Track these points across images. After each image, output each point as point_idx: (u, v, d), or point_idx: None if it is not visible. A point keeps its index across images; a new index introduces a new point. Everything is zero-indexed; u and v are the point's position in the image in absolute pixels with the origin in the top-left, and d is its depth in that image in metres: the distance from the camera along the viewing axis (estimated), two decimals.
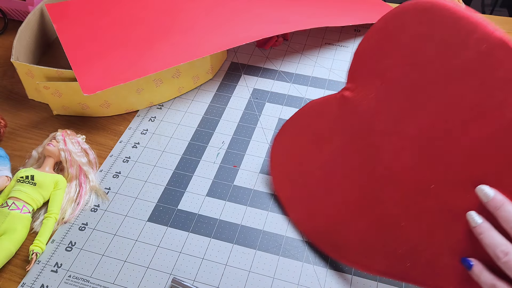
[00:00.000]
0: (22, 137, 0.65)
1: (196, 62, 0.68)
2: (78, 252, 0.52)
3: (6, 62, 0.77)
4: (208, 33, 0.70)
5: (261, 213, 0.55)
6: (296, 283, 0.49)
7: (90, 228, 0.54)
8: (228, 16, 0.73)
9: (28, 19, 0.73)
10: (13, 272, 0.50)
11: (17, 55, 0.68)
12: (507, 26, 0.84)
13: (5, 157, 0.59)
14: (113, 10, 0.74)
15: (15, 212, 0.52)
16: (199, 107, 0.69)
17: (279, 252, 0.52)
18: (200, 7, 0.75)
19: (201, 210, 0.56)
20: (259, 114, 0.68)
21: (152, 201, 0.57)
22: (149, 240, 0.53)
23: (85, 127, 0.66)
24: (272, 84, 0.73)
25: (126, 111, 0.68)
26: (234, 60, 0.77)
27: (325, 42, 0.80)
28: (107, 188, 0.58)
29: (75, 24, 0.71)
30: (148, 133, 0.65)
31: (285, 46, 0.80)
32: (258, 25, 0.72)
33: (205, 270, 0.50)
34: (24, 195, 0.53)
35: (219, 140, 0.64)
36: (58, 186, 0.55)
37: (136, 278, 0.50)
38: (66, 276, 0.50)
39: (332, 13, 0.79)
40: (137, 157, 0.62)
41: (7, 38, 0.82)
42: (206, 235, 0.53)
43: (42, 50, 0.79)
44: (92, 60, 0.65)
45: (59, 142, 0.58)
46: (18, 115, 0.68)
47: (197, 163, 0.61)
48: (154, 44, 0.67)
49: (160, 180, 0.59)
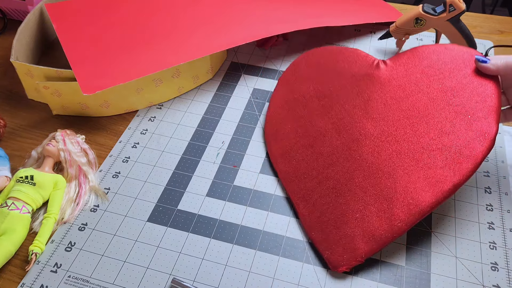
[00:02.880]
0: (22, 137, 0.65)
1: (196, 62, 0.68)
2: (78, 253, 0.52)
3: (6, 62, 0.77)
4: (208, 33, 0.69)
5: (261, 213, 0.55)
6: (296, 283, 0.49)
7: (89, 228, 0.54)
8: (228, 16, 0.73)
9: (28, 19, 0.73)
10: (13, 272, 0.50)
11: (17, 55, 0.68)
12: (508, 26, 0.84)
13: (4, 157, 0.59)
14: (113, 10, 0.74)
15: (14, 212, 0.52)
16: (199, 107, 0.69)
17: (279, 252, 0.52)
18: (200, 7, 0.75)
19: (201, 210, 0.56)
20: (259, 114, 0.68)
21: (152, 201, 0.57)
22: (149, 240, 0.53)
23: (84, 127, 0.66)
24: (272, 84, 0.72)
25: (125, 111, 0.68)
26: (234, 60, 0.77)
27: (325, 42, 0.80)
28: (107, 188, 0.58)
29: (75, 24, 0.71)
30: (148, 133, 0.65)
31: (285, 46, 0.80)
32: (258, 25, 0.72)
33: (205, 270, 0.50)
34: (24, 195, 0.53)
35: (219, 140, 0.64)
36: (57, 186, 0.55)
37: (136, 278, 0.49)
38: (66, 276, 0.50)
39: (332, 13, 0.79)
40: (136, 157, 0.62)
41: (7, 38, 0.82)
42: (206, 235, 0.53)
43: (42, 50, 0.79)
44: (92, 60, 0.64)
45: (58, 142, 0.58)
46: (17, 115, 0.68)
47: (197, 163, 0.61)
48: (154, 44, 0.67)
49: (160, 180, 0.59)
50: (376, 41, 0.80)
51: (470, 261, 0.51)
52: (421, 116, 0.53)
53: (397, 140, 0.53)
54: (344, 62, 0.63)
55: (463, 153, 0.50)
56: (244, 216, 0.55)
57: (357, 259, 0.49)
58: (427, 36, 0.81)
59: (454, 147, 0.50)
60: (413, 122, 0.53)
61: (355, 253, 0.49)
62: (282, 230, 0.54)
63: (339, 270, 0.49)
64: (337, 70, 0.62)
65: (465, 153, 0.49)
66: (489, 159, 0.61)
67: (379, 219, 0.50)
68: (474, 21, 0.86)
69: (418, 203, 0.49)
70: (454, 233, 0.53)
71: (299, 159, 0.58)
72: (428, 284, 0.49)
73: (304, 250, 0.52)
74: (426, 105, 0.54)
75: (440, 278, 0.49)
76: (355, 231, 0.50)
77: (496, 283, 0.49)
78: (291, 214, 0.55)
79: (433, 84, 0.55)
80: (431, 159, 0.50)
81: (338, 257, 0.49)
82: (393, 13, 0.84)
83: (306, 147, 0.58)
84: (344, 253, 0.49)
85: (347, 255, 0.49)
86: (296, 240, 0.53)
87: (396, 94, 0.56)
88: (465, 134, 0.50)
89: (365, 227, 0.50)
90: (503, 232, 0.53)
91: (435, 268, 0.50)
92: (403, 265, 0.51)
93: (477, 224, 0.54)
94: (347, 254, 0.49)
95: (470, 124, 0.51)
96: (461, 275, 0.50)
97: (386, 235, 0.49)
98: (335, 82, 0.62)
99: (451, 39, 0.72)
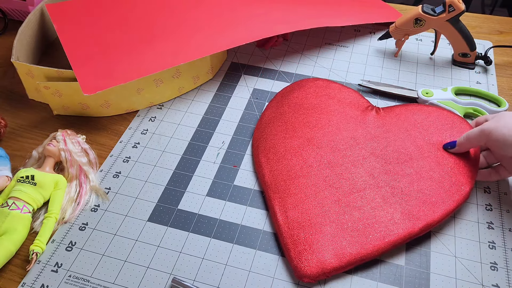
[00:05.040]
0: (22, 137, 0.65)
1: (196, 62, 0.69)
2: (78, 252, 0.52)
3: (7, 62, 0.77)
4: (209, 34, 0.70)
5: (261, 213, 0.55)
6: (296, 283, 0.49)
7: (90, 228, 0.54)
8: (228, 17, 0.73)
9: (28, 19, 0.73)
10: (13, 272, 0.50)
11: (18, 55, 0.68)
12: (507, 26, 0.84)
13: (5, 157, 0.59)
14: (113, 10, 0.74)
15: (15, 212, 0.52)
16: (199, 107, 0.69)
17: (279, 252, 0.52)
18: (200, 7, 0.75)
19: (201, 210, 0.56)
20: (259, 114, 0.68)
21: (152, 201, 0.57)
22: (149, 240, 0.53)
23: (85, 127, 0.66)
24: (272, 84, 0.73)
25: (126, 111, 0.68)
26: (234, 60, 0.77)
27: (325, 42, 0.80)
28: (107, 188, 0.58)
29: (75, 24, 0.71)
30: (148, 133, 0.65)
31: (285, 46, 0.80)
32: (258, 25, 0.72)
33: (205, 270, 0.50)
34: (25, 195, 0.53)
35: (219, 140, 0.64)
36: (58, 186, 0.56)
37: (136, 278, 0.50)
38: (66, 276, 0.50)
39: (332, 14, 0.79)
40: (137, 157, 0.62)
41: (8, 38, 0.82)
42: (206, 235, 0.53)
43: (42, 50, 0.79)
44: (92, 60, 0.65)
45: (59, 142, 0.58)
46: (18, 115, 0.68)
47: (197, 163, 0.61)
48: (154, 44, 0.67)
49: (160, 180, 0.59)
50: (375, 42, 0.80)
51: (470, 260, 0.51)
52: (405, 160, 0.57)
53: (379, 176, 0.56)
54: (340, 102, 0.65)
55: (438, 198, 0.53)
56: (244, 216, 0.55)
57: (324, 273, 0.49)
58: (426, 36, 0.82)
59: (432, 191, 0.54)
60: (397, 163, 0.57)
61: (323, 267, 0.49)
62: None
63: (304, 280, 0.49)
64: (331, 107, 0.65)
65: (440, 198, 0.53)
66: None
67: (353, 239, 0.51)
68: (473, 21, 0.86)
69: (392, 234, 0.51)
70: (453, 232, 0.53)
71: (285, 173, 0.58)
72: (427, 283, 0.49)
73: None
74: (412, 152, 0.57)
75: (440, 277, 0.50)
76: (327, 247, 0.50)
77: (495, 283, 0.49)
78: None
79: (421, 136, 0.59)
80: (409, 197, 0.53)
81: (305, 267, 0.49)
82: (393, 13, 0.84)
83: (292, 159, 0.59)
84: (312, 265, 0.49)
85: (315, 268, 0.49)
86: None
87: (385, 135, 0.60)
88: (444, 182, 0.54)
89: (337, 245, 0.50)
90: (503, 232, 0.53)
91: (435, 268, 0.50)
92: (403, 264, 0.51)
93: (476, 224, 0.54)
94: (315, 267, 0.49)
95: (450, 175, 0.55)
96: (461, 275, 0.50)
97: (356, 257, 0.50)
98: (326, 115, 0.64)
99: (451, 40, 0.72)
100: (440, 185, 0.54)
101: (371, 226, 0.52)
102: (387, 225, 0.51)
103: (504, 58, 0.77)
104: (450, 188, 0.54)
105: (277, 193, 0.55)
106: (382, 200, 0.54)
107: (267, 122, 0.64)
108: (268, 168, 0.58)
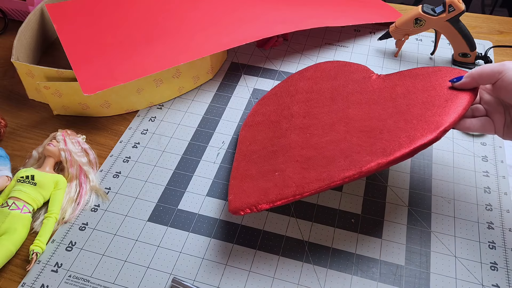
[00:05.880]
0: (22, 137, 0.65)
1: (196, 62, 0.69)
2: (78, 252, 0.52)
3: (7, 62, 0.77)
4: (209, 34, 0.70)
5: (261, 213, 0.55)
6: (296, 283, 0.49)
7: (90, 228, 0.54)
8: (228, 17, 0.73)
9: (28, 19, 0.73)
10: (14, 272, 0.50)
11: (17, 55, 0.68)
12: (507, 26, 0.84)
13: (5, 157, 0.59)
14: (113, 10, 0.74)
15: (15, 212, 0.52)
16: (199, 107, 0.69)
17: (279, 252, 0.52)
18: (200, 7, 0.75)
19: (201, 210, 0.56)
20: None
21: (152, 201, 0.57)
22: (149, 240, 0.53)
23: (85, 127, 0.66)
24: (272, 84, 0.73)
25: (126, 111, 0.68)
26: (234, 60, 0.77)
27: (325, 42, 0.80)
28: (107, 188, 0.58)
29: (75, 24, 0.71)
30: (148, 133, 0.65)
31: (285, 46, 0.80)
32: (258, 25, 0.72)
33: (205, 270, 0.50)
34: (25, 195, 0.53)
35: (219, 140, 0.64)
36: (58, 186, 0.56)
37: (136, 278, 0.50)
38: (66, 276, 0.50)
39: (332, 14, 0.79)
40: (137, 157, 0.62)
41: (8, 38, 0.82)
42: (206, 235, 0.53)
43: (42, 50, 0.79)
44: (92, 60, 0.65)
45: (59, 142, 0.58)
46: (18, 115, 0.68)
47: (197, 163, 0.61)
48: (154, 44, 0.67)
49: (160, 180, 0.59)
50: (375, 42, 0.80)
51: (470, 260, 0.51)
52: (387, 100, 0.55)
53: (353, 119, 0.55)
54: (346, 73, 0.64)
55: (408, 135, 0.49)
56: (244, 216, 0.55)
57: (258, 206, 0.49)
58: (426, 36, 0.82)
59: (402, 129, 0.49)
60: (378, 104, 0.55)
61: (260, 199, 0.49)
62: (282, 230, 0.54)
63: (237, 213, 0.49)
64: (336, 75, 0.64)
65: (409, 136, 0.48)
66: (489, 159, 0.61)
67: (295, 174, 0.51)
68: (473, 21, 0.86)
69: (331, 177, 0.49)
70: (453, 232, 0.53)
71: (259, 129, 0.61)
72: (427, 283, 0.49)
73: (304, 250, 0.52)
74: (399, 99, 0.54)
75: (440, 277, 0.50)
76: (269, 184, 0.51)
77: (495, 283, 0.49)
78: (291, 214, 0.55)
79: (416, 85, 0.55)
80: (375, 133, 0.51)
81: (240, 202, 0.50)
82: (393, 13, 0.84)
83: (272, 122, 0.61)
84: (249, 199, 0.50)
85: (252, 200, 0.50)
86: (296, 240, 0.53)
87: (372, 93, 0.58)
88: (420, 122, 0.49)
89: (280, 180, 0.51)
90: (503, 232, 0.53)
91: (435, 268, 0.50)
92: (403, 264, 0.51)
93: (476, 224, 0.54)
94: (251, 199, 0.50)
95: (430, 116, 0.49)
96: (461, 275, 0.50)
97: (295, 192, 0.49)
98: (329, 83, 0.64)
99: (451, 40, 0.72)
100: (414, 126, 0.49)
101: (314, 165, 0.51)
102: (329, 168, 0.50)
103: (504, 58, 0.77)
104: (425, 127, 0.49)
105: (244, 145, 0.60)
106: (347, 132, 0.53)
107: (256, 110, 0.66)
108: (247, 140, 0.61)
